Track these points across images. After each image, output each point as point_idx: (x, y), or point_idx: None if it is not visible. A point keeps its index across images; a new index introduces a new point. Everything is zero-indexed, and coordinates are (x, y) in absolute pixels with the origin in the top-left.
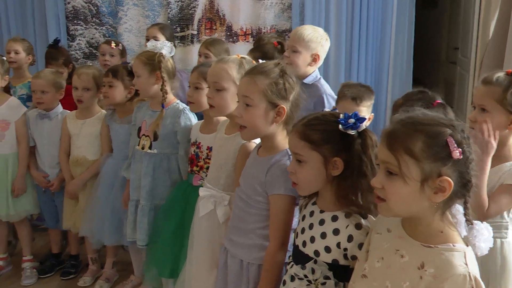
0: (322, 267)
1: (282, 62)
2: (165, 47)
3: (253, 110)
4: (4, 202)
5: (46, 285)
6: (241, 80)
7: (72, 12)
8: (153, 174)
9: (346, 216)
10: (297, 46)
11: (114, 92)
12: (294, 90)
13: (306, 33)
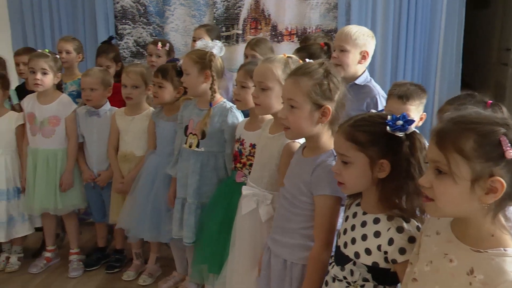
0: (361, 269)
1: (326, 61)
2: (216, 46)
3: (298, 112)
4: (52, 196)
5: (92, 278)
6: (285, 81)
7: (120, 12)
8: (200, 172)
9: (388, 219)
10: (345, 45)
11: (163, 93)
12: (339, 90)
13: (353, 31)
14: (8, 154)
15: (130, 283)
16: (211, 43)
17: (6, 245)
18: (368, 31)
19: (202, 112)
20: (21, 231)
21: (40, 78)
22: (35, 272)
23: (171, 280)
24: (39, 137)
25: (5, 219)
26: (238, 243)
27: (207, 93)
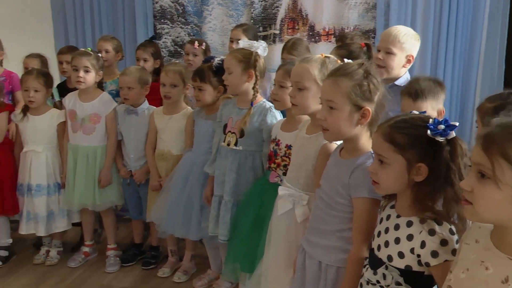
0: (393, 273)
1: (366, 62)
2: (260, 47)
3: (337, 113)
4: (91, 192)
5: (128, 273)
6: (324, 82)
7: (159, 11)
8: (237, 171)
9: (421, 221)
10: (392, 47)
11: (204, 95)
12: (379, 91)
13: (401, 34)
14: (49, 151)
15: (165, 280)
16: (256, 43)
17: (46, 239)
18: (415, 33)
19: (241, 111)
20: (60, 226)
21: (82, 76)
22: (73, 266)
23: (205, 278)
24: (79, 134)
25: (45, 213)
26: (274, 243)
27: (248, 92)
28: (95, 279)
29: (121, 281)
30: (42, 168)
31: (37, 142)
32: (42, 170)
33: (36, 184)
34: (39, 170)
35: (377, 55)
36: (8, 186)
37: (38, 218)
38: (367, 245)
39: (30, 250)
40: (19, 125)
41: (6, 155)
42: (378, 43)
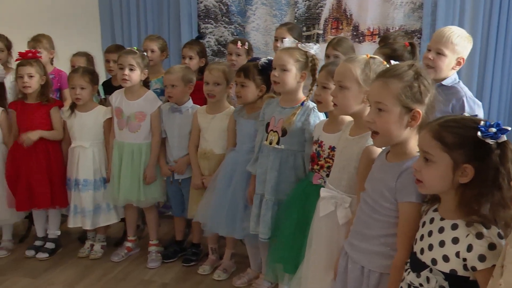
0: (438, 277)
1: (416, 63)
2: (317, 49)
3: (386, 115)
4: (136, 189)
5: (169, 269)
6: (372, 83)
7: (203, 11)
8: (279, 169)
9: (467, 225)
10: (443, 48)
11: (246, 92)
12: (430, 93)
13: (455, 36)
14: (96, 146)
15: (205, 277)
16: (315, 46)
17: (90, 233)
18: (468, 35)
19: (284, 110)
20: (106, 220)
21: (127, 74)
22: (116, 261)
23: (245, 277)
24: (125, 131)
25: (91, 207)
26: (315, 245)
27: (296, 92)
28: (137, 274)
29: (162, 277)
30: (89, 164)
31: (84, 138)
32: (89, 165)
33: (83, 179)
34: (86, 165)
35: (427, 55)
36: (58, 179)
37: (85, 212)
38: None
39: (75, 244)
40: (67, 122)
41: (56, 149)
42: (429, 43)
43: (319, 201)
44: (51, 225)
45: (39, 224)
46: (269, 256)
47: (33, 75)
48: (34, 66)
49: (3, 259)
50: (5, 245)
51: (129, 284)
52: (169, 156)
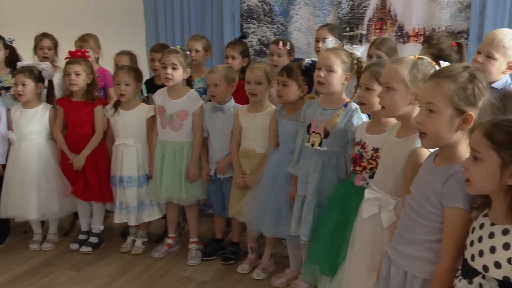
0: (491, 283)
1: (471, 65)
2: (362, 52)
3: (437, 117)
4: (177, 186)
5: (208, 267)
6: (424, 83)
7: (246, 11)
8: (321, 171)
9: None
10: (494, 52)
11: (288, 91)
12: (484, 96)
13: (507, 39)
14: (139, 144)
15: (244, 276)
16: (361, 49)
17: (132, 229)
18: None
19: (326, 111)
20: (150, 215)
21: (170, 73)
22: (157, 257)
23: (284, 277)
24: (168, 129)
25: (136, 204)
26: (357, 247)
27: (339, 93)
28: (177, 271)
29: (202, 274)
30: (133, 161)
31: (128, 135)
32: (132, 162)
33: (128, 176)
34: (130, 162)
35: (476, 58)
36: (104, 175)
37: (129, 208)
38: (458, 258)
39: (118, 239)
40: (111, 120)
41: (101, 146)
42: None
43: (362, 202)
44: (95, 220)
45: (83, 219)
46: (307, 257)
47: (80, 73)
48: (82, 65)
49: (49, 251)
50: (51, 238)
51: (169, 280)
52: (211, 155)
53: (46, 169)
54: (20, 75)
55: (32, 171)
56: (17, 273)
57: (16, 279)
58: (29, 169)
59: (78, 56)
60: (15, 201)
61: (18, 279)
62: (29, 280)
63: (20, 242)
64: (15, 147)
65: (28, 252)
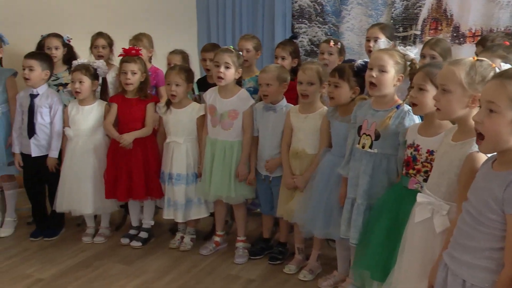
0: None
1: None
2: (416, 54)
3: (498, 118)
4: (226, 185)
5: (255, 266)
6: (488, 82)
7: (298, 11)
8: (371, 174)
9: None
10: None
11: (339, 93)
12: None
13: None
14: (189, 142)
15: (291, 277)
16: (415, 50)
17: (181, 226)
18: None
19: (377, 113)
20: (197, 213)
21: (223, 72)
22: (204, 254)
23: (331, 279)
24: (218, 128)
25: (183, 201)
26: (408, 252)
27: (390, 94)
28: (224, 269)
29: (249, 273)
30: (183, 159)
31: (179, 134)
32: (182, 160)
33: (177, 173)
34: (180, 160)
35: None
36: (154, 172)
37: (177, 205)
38: None
39: (167, 235)
40: (163, 117)
41: (152, 144)
42: None
43: (414, 206)
44: (145, 216)
45: (134, 214)
46: (357, 261)
47: (135, 72)
48: (137, 64)
49: (100, 245)
50: (102, 232)
51: (216, 277)
52: (260, 154)
53: (101, 165)
54: (77, 72)
55: (88, 167)
56: (70, 265)
57: (69, 270)
58: (85, 165)
59: (132, 54)
60: (72, 196)
61: (71, 270)
62: (81, 271)
63: (73, 235)
64: (72, 144)
65: (81, 244)
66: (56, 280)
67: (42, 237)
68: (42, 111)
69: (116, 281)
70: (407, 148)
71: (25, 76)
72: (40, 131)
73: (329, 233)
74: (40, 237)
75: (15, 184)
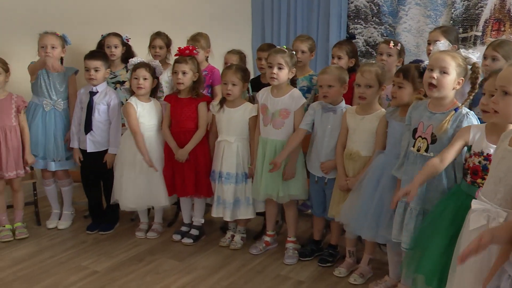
0: None
1: None
2: (478, 58)
3: None
4: (277, 185)
5: (305, 267)
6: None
7: (353, 11)
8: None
9: None
10: None
11: (402, 93)
12: None
13: None
14: (240, 142)
15: (341, 280)
16: (477, 54)
17: (232, 224)
18: None
19: (434, 116)
20: (244, 213)
21: (275, 72)
22: (254, 253)
23: (382, 284)
24: (269, 127)
25: (232, 200)
26: None
27: (449, 98)
28: (273, 269)
29: (298, 274)
30: (233, 158)
31: (230, 133)
32: (232, 159)
33: (226, 172)
34: (230, 159)
35: None
36: (204, 171)
37: (225, 203)
38: None
39: (217, 233)
40: (216, 116)
41: (202, 141)
42: None
43: (469, 213)
44: (196, 213)
45: (185, 211)
46: (411, 266)
47: (186, 72)
48: (189, 64)
49: (153, 240)
50: (155, 227)
51: (266, 277)
52: (316, 156)
53: (156, 161)
54: (141, 69)
55: (144, 163)
56: (124, 258)
57: (123, 263)
58: (141, 160)
59: (186, 54)
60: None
61: (125, 264)
62: (135, 266)
63: (127, 230)
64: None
65: (134, 239)
66: (110, 273)
67: (97, 231)
68: (100, 108)
69: (168, 277)
70: (474, 155)
71: (91, 76)
72: (97, 127)
73: (377, 236)
74: (96, 231)
75: (70, 181)
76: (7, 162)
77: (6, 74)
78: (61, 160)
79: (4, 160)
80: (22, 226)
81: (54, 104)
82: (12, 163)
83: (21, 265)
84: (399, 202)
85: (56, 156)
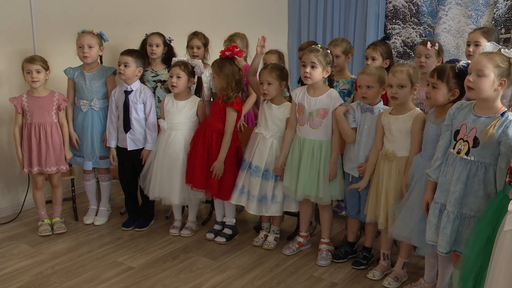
0: None
1: None
2: None
3: None
4: (315, 185)
5: (338, 269)
6: None
7: (391, 11)
8: (466, 182)
9: None
10: None
11: (436, 94)
12: None
13: None
14: (275, 139)
15: (375, 283)
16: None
17: (265, 224)
18: None
19: (478, 119)
20: (270, 210)
21: (309, 71)
22: (288, 254)
23: (417, 287)
24: (306, 127)
25: (256, 193)
26: (496, 260)
27: (493, 100)
28: (306, 270)
29: (332, 276)
30: (265, 153)
31: (268, 128)
32: (264, 154)
33: (255, 165)
34: (262, 153)
35: None
36: (229, 173)
37: (249, 195)
38: None
39: (251, 233)
40: (261, 107)
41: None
42: None
43: (506, 214)
44: (227, 213)
45: (218, 210)
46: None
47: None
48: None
49: (187, 238)
50: (189, 225)
51: (299, 278)
52: (353, 156)
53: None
54: (175, 68)
55: (178, 160)
56: (158, 255)
57: (158, 260)
58: (176, 157)
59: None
60: (163, 186)
61: (159, 260)
62: (169, 263)
63: (162, 227)
64: (165, 135)
65: (169, 236)
66: (145, 269)
67: (133, 227)
68: (137, 107)
69: (201, 275)
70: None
71: (120, 71)
72: (136, 126)
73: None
74: (132, 227)
75: (109, 176)
76: (47, 158)
77: (46, 72)
78: (97, 159)
79: (44, 156)
80: (60, 221)
81: (91, 104)
82: (52, 159)
83: (59, 259)
84: (434, 203)
85: (93, 155)
